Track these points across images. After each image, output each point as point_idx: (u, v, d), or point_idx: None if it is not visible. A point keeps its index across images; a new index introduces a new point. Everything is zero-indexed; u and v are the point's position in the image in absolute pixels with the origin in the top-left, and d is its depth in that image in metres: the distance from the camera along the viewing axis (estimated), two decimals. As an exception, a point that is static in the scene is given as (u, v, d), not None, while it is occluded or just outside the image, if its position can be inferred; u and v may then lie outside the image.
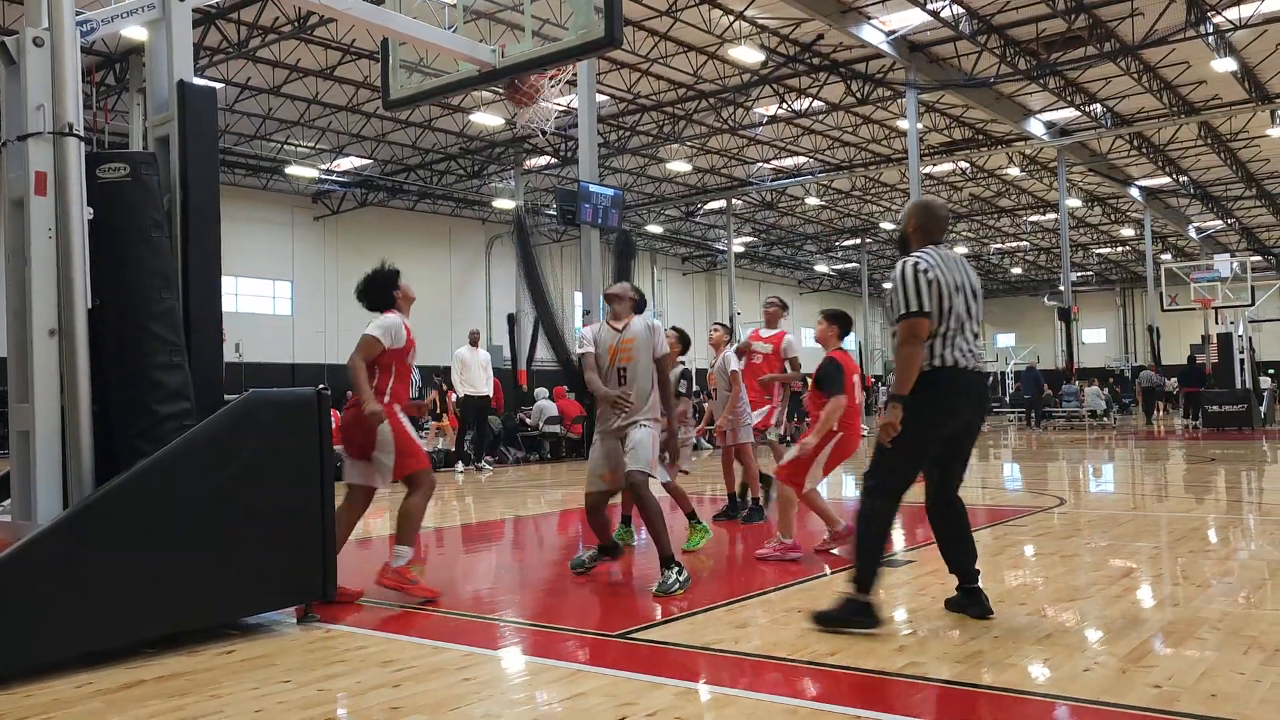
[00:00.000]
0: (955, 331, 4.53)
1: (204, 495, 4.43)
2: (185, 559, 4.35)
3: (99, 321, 4.56)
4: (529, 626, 4.83)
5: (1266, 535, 7.40)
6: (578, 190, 18.69)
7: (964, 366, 4.53)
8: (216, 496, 4.47)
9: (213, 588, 4.45)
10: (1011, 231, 46.80)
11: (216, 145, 5.22)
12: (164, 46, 5.13)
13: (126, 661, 4.12)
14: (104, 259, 4.60)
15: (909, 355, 4.42)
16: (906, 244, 4.82)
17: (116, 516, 4.18)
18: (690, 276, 50.66)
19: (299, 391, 4.90)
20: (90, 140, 4.95)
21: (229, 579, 4.51)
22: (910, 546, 7.05)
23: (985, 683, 3.68)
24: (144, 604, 4.22)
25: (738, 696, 3.58)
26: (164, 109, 5.11)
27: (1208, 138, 31.22)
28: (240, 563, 4.54)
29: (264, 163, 30.04)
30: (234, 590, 4.55)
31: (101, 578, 4.09)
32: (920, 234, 4.80)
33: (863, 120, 29.52)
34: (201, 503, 4.41)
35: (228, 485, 4.50)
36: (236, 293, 32.32)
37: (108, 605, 4.11)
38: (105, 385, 4.58)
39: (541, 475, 14.75)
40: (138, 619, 4.21)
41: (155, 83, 5.17)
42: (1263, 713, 3.25)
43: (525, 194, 32.57)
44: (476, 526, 9.35)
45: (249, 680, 3.89)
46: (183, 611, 4.36)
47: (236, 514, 4.53)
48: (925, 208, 4.95)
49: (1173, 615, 4.73)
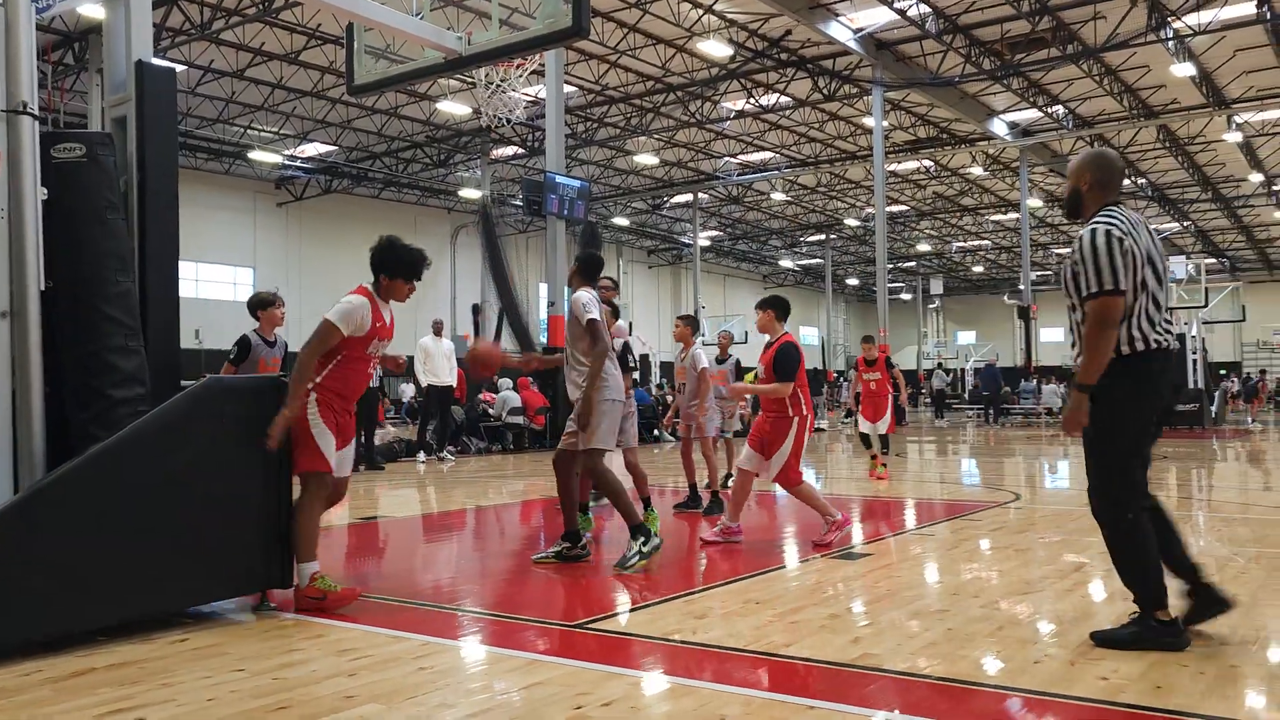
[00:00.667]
0: (1147, 306, 3.99)
1: (158, 482, 4.38)
2: (138, 546, 4.30)
3: (52, 303, 4.49)
4: (487, 616, 4.83)
5: (1214, 531, 7.55)
6: (544, 181, 18.65)
7: (1161, 347, 4.01)
8: (171, 483, 4.42)
9: (166, 575, 4.41)
10: (974, 230, 47.30)
11: (175, 127, 5.16)
12: (122, 25, 5.06)
13: (77, 649, 4.06)
14: (58, 240, 4.53)
15: (1100, 339, 3.89)
16: (1079, 204, 4.19)
17: (68, 502, 4.12)
18: (656, 269, 50.71)
19: (257, 378, 4.86)
20: (46, 120, 4.86)
21: (183, 566, 4.47)
22: (868, 540, 7.11)
23: (938, 674, 3.73)
24: (95, 591, 4.17)
25: (694, 687, 3.60)
26: (122, 89, 5.03)
27: (1166, 141, 31.71)
28: (194, 550, 4.50)
29: (226, 147, 29.67)
30: (188, 578, 4.51)
31: (52, 564, 4.04)
32: (1098, 190, 4.14)
33: (829, 117, 29.68)
34: (155, 489, 4.36)
35: (183, 472, 4.46)
36: (197, 278, 31.93)
37: (58, 592, 4.05)
38: (58, 368, 4.51)
39: (504, 466, 14.71)
40: (89, 606, 4.16)
41: (113, 63, 5.10)
42: (1205, 704, 3.32)
43: (491, 184, 32.42)
44: (438, 516, 9.32)
45: (201, 669, 3.85)
46: (135, 599, 4.32)
47: (191, 501, 4.48)
48: (1103, 160, 4.22)
49: (1122, 609, 4.80)
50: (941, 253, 52.74)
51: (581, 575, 6.05)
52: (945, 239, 49.71)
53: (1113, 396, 3.93)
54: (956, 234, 48.50)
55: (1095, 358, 3.91)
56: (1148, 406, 4.02)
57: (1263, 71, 25.20)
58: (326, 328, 4.91)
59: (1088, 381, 3.93)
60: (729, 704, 3.39)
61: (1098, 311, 3.88)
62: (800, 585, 5.55)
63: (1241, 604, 4.82)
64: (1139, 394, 3.97)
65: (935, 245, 50.86)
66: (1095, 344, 3.91)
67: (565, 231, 19.53)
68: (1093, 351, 3.91)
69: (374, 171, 33.47)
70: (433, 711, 3.33)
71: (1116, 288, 3.86)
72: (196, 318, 29.65)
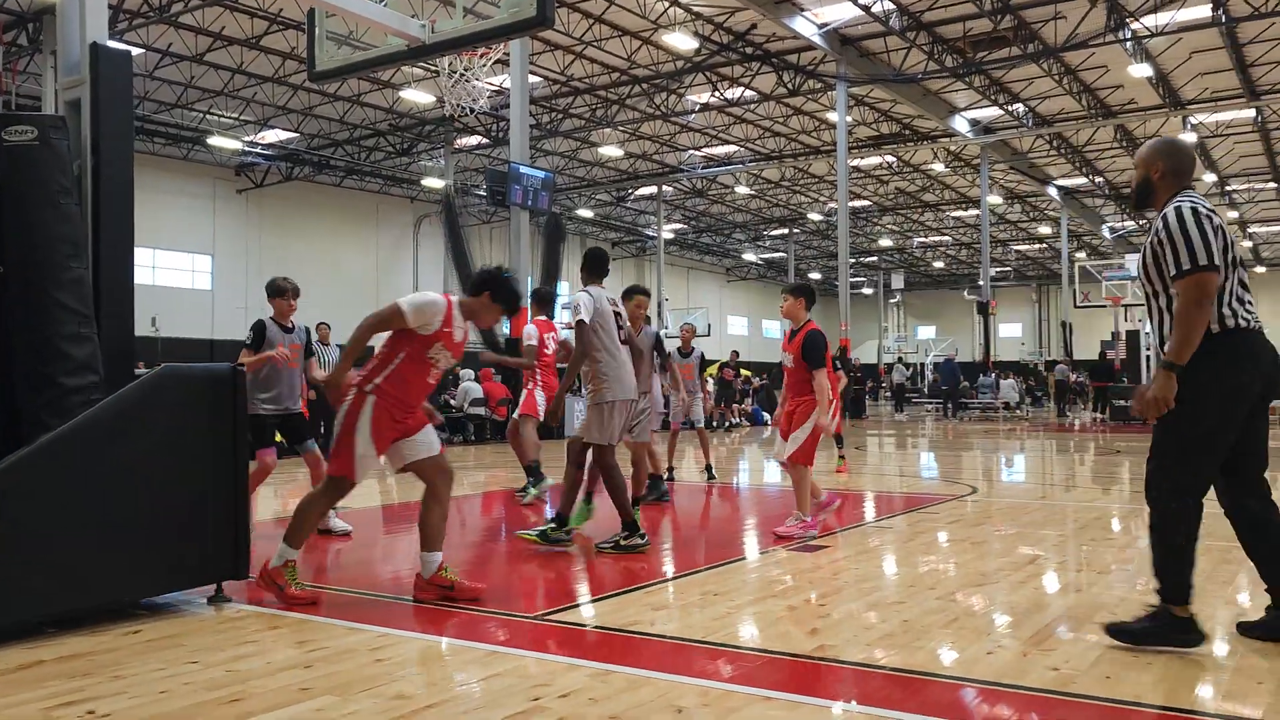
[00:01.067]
0: (1236, 286, 3.87)
1: (111, 471, 4.31)
2: (90, 536, 4.23)
3: (3, 289, 4.41)
4: (446, 608, 4.81)
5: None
6: (508, 171, 18.57)
7: (1252, 327, 3.87)
8: (124, 473, 4.35)
9: (118, 566, 4.35)
10: (935, 226, 47.72)
11: (131, 111, 5.07)
12: (76, 7, 4.97)
13: (26, 641, 4.00)
14: (9, 224, 4.45)
15: (1196, 318, 3.72)
16: (1150, 193, 4.10)
17: (19, 491, 4.05)
18: (620, 262, 50.65)
19: (213, 367, 4.80)
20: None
21: (135, 557, 4.41)
22: (827, 533, 7.16)
23: (893, 665, 3.77)
24: (46, 581, 4.10)
25: (652, 678, 3.61)
26: (76, 71, 4.94)
27: (1123, 140, 32.18)
28: (148, 541, 4.43)
29: (185, 132, 29.20)
30: (141, 569, 4.45)
31: (1, 553, 3.97)
32: (1171, 179, 4.03)
33: (793, 111, 29.79)
34: (108, 479, 4.30)
35: (137, 462, 4.40)
36: (154, 265, 31.44)
37: (7, 581, 3.98)
38: (9, 355, 4.43)
39: (465, 457, 14.65)
40: (39, 596, 4.09)
41: (67, 44, 5.01)
42: (1153, 693, 3.39)
43: (455, 173, 32.23)
44: (398, 508, 9.26)
45: (154, 661, 3.81)
46: (86, 590, 4.25)
47: (145, 491, 4.42)
48: (1175, 148, 4.11)
49: (1074, 600, 4.89)
50: (903, 248, 53.17)
51: (541, 567, 6.05)
52: (907, 234, 50.12)
53: (1198, 377, 3.76)
54: (918, 229, 48.92)
55: (1189, 335, 3.73)
56: (1233, 389, 3.81)
57: (1217, 74, 25.63)
58: (392, 309, 4.70)
59: (1178, 361, 3.73)
60: (686, 695, 3.40)
61: (1192, 288, 3.73)
62: (759, 577, 5.59)
63: (1189, 596, 4.92)
64: (1224, 375, 3.79)
65: (897, 240, 51.25)
66: (1190, 320, 3.73)
67: (529, 222, 19.47)
68: (1187, 329, 3.73)
69: (336, 159, 33.12)
70: (390, 703, 3.32)
71: (1211, 263, 3.73)
72: (154, 305, 29.21)
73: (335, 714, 3.20)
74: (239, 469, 4.78)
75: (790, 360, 6.88)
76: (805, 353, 6.72)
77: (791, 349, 6.86)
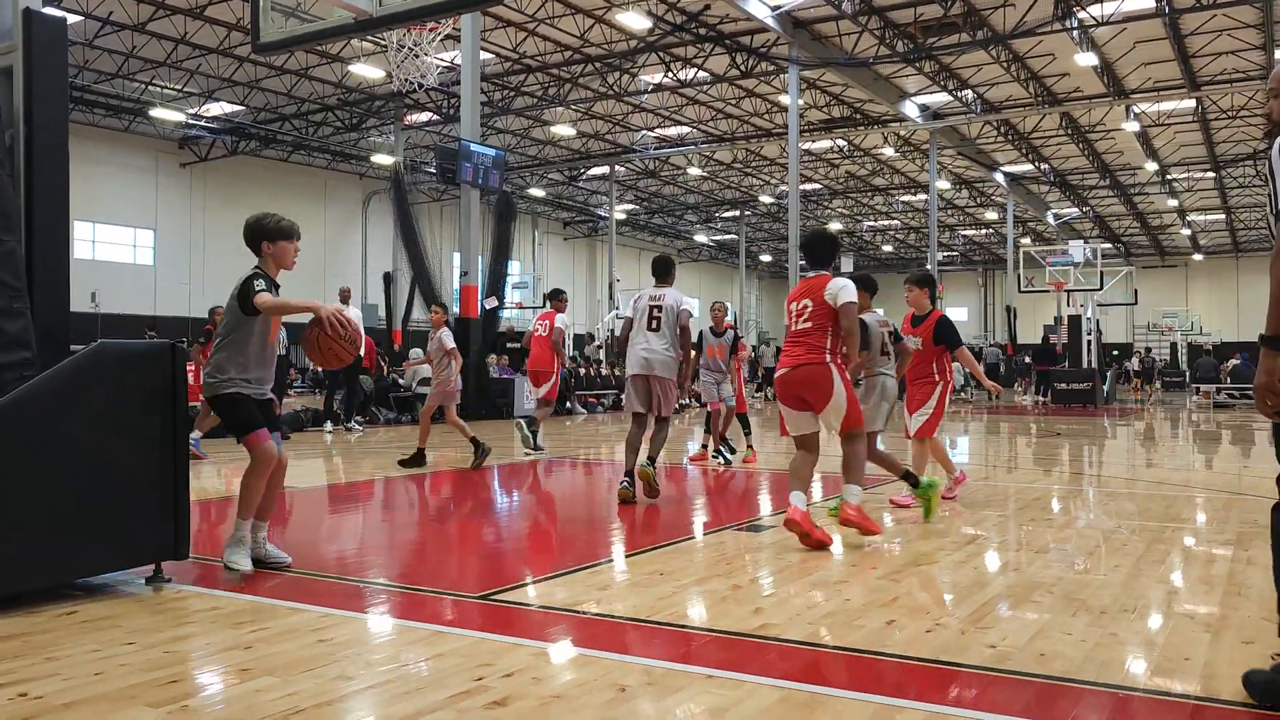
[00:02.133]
0: None
1: (45, 449, 4.21)
2: (22, 515, 4.13)
3: (-70, 262, 4.28)
4: (390, 588, 4.78)
5: (1102, 506, 7.87)
6: (459, 149, 18.38)
7: None
8: (59, 451, 4.25)
9: (52, 546, 4.25)
10: (884, 210, 48.13)
11: (65, 79, 4.94)
12: (8, -29, 4.81)
13: (-44, 622, 3.91)
14: (-64, 196, 4.31)
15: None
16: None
17: (-54, 470, 3.94)
18: (571, 242, 50.49)
19: (152, 343, 4.70)
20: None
21: (70, 537, 4.31)
22: (775, 513, 7.22)
23: (833, 643, 3.82)
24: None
25: (596, 657, 3.62)
26: (7, 38, 4.79)
27: (1068, 128, 32.66)
28: (83, 520, 4.34)
29: (126, 103, 28.49)
30: (76, 549, 4.35)
31: (-72, 534, 3.87)
32: None
33: (745, 94, 29.82)
34: (42, 457, 4.20)
35: (71, 440, 4.30)
36: (94, 239, 30.75)
37: (-65, 563, 3.88)
38: (-64, 330, 4.31)
39: (413, 438, 14.53)
40: (-31, 578, 3.99)
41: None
42: (1086, 670, 3.47)
43: (405, 150, 31.82)
44: (344, 487, 9.18)
45: (90, 642, 3.74)
46: (19, 570, 4.15)
47: (80, 470, 4.33)
48: None
49: (1012, 580, 4.99)
50: (852, 231, 53.55)
51: (487, 547, 6.03)
52: (856, 218, 50.50)
53: None
54: (867, 213, 49.32)
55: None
56: None
57: (1160, 64, 26.09)
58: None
59: (1271, 332, 2.84)
60: (630, 673, 3.42)
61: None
62: (706, 557, 5.62)
63: (1123, 574, 5.04)
64: None
65: (847, 224, 51.61)
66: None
67: (480, 201, 19.31)
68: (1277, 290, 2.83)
69: (283, 134, 32.54)
70: (331, 684, 3.29)
71: None
72: (94, 280, 28.57)
73: (276, 695, 3.17)
74: (178, 447, 4.70)
75: (919, 343, 7.60)
76: (943, 336, 7.57)
77: (921, 333, 7.63)
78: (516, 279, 33.44)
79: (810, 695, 3.21)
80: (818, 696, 3.20)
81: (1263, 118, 30.15)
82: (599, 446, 13.44)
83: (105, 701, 3.11)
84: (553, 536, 6.65)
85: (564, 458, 11.92)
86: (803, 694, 3.23)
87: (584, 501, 8.23)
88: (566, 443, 13.92)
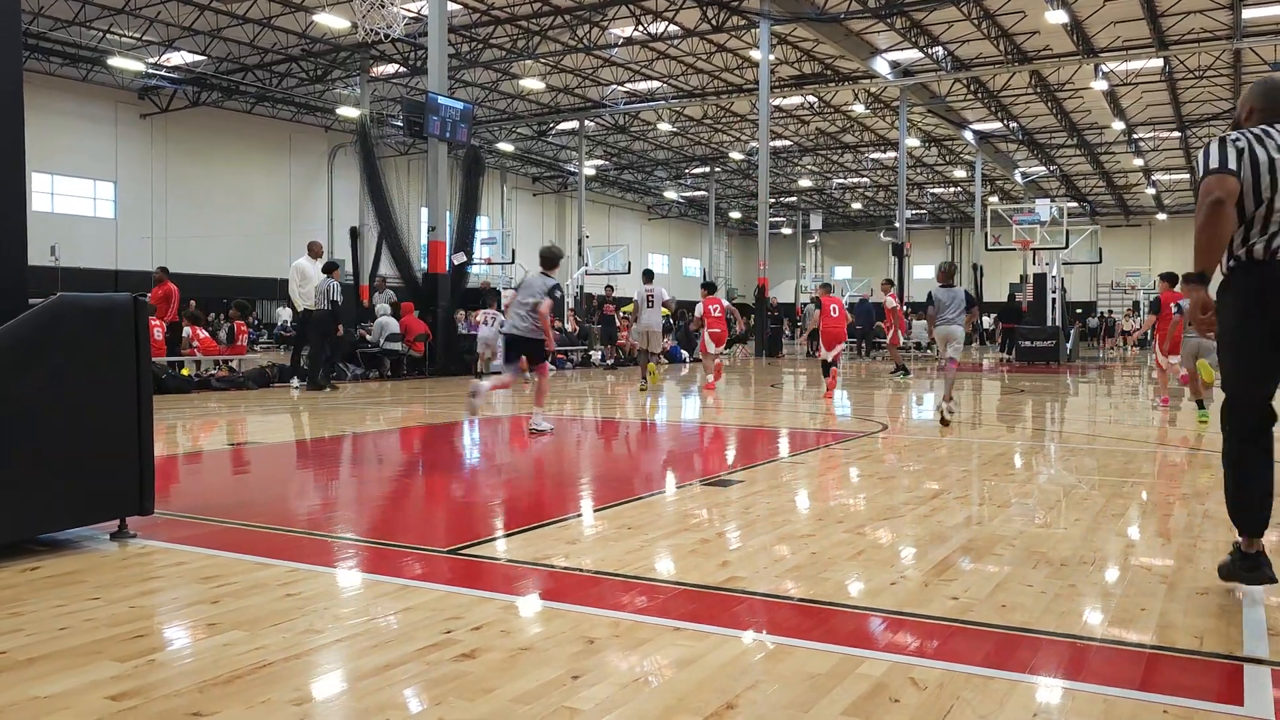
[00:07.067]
0: None
1: (5, 405, 4.15)
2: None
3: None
4: (359, 542, 4.78)
5: (1064, 461, 7.99)
6: (426, 101, 18.13)
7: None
8: (19, 406, 4.20)
9: (13, 501, 4.20)
10: (853, 167, 48.15)
11: (18, 25, 4.79)
12: (-43, -89, 4.65)
13: (-84, 578, 3.87)
14: (-114, 144, 4.20)
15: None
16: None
17: (-97, 425, 3.88)
18: (540, 197, 50.14)
19: (113, 297, 4.63)
20: None
21: (32, 492, 4.27)
22: (743, 467, 7.28)
23: (799, 595, 3.87)
24: (-64, 518, 3.95)
25: (564, 610, 3.65)
26: (-43, -19, 4.64)
27: (1037, 87, 32.73)
28: (45, 476, 4.30)
29: (83, 52, 27.82)
30: (38, 504, 4.31)
31: (-114, 490, 3.81)
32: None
33: (716, 48, 29.59)
34: (2, 412, 4.14)
35: (32, 395, 4.24)
36: (52, 191, 30.16)
37: (-106, 519, 3.83)
38: (-110, 283, 4.21)
39: (381, 393, 14.48)
40: (-71, 533, 3.95)
41: (-53, -49, 4.69)
42: (1044, 620, 3.54)
43: (371, 103, 31.36)
44: (312, 443, 9.14)
45: (54, 597, 3.72)
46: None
47: (42, 425, 4.27)
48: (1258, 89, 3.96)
49: (975, 533, 5.07)
50: (822, 189, 53.57)
51: (456, 502, 6.04)
52: (826, 175, 50.49)
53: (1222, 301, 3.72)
54: (837, 171, 49.31)
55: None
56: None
57: (1129, 23, 26.14)
58: None
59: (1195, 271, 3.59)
60: (597, 626, 3.45)
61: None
62: (674, 511, 5.66)
63: (1082, 528, 5.14)
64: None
65: (816, 181, 51.60)
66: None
67: (448, 155, 19.09)
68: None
69: (246, 85, 31.95)
70: (299, 637, 3.30)
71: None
72: (53, 234, 28.07)
73: (244, 649, 3.17)
74: (142, 401, 4.65)
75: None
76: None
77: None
78: (485, 234, 33.18)
79: (776, 646, 3.26)
80: (784, 647, 3.24)
81: (1228, 83, 30.36)
82: (565, 402, 13.45)
83: (70, 656, 3.09)
84: (522, 491, 6.66)
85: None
86: (768, 645, 3.27)
87: (554, 457, 8.24)
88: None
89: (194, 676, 2.92)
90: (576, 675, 2.95)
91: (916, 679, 2.94)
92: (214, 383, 14.78)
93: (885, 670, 3.02)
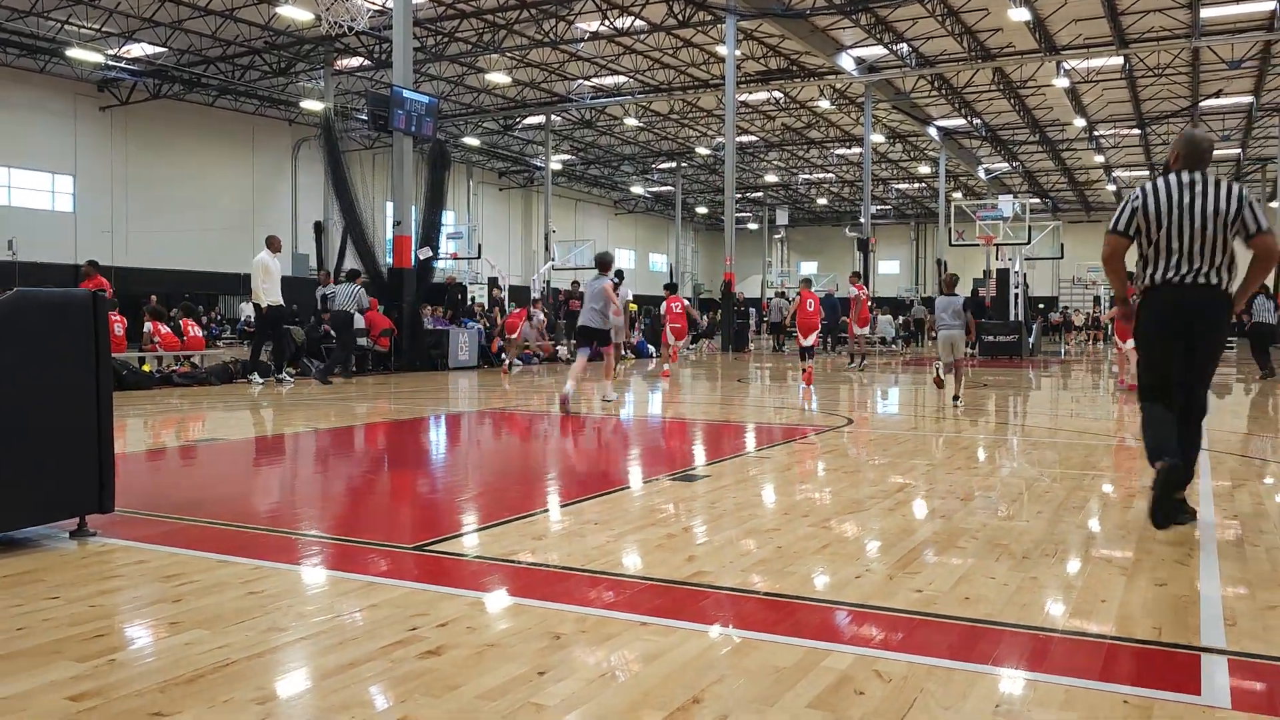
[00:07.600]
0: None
1: (-41, 401, 4.08)
2: (-62, 469, 4.01)
3: None
4: (323, 539, 4.74)
5: (1026, 455, 8.08)
6: (391, 95, 18.00)
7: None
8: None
9: (-30, 500, 4.13)
10: (819, 163, 48.37)
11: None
12: (-93, -102, 4.55)
13: None
14: None
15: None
16: None
17: None
18: (507, 192, 49.94)
19: (72, 292, 4.56)
20: None
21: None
22: (709, 462, 7.30)
23: (766, 589, 3.88)
24: (-111, 517, 3.87)
25: (530, 605, 3.64)
26: (-92, -30, 4.54)
27: (1000, 84, 33.03)
28: (2, 474, 4.22)
29: (41, 43, 27.34)
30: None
31: None
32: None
33: (683, 43, 29.61)
34: (-44, 409, 4.07)
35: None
36: (9, 185, 29.65)
37: None
38: None
39: (345, 388, 14.37)
40: (-119, 533, 3.87)
41: (-103, -61, 4.59)
42: (1007, 612, 3.58)
43: (335, 96, 31.08)
44: (274, 439, 9.05)
45: (11, 596, 3.66)
46: (-65, 525, 4.04)
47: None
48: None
49: (939, 527, 5.11)
50: (788, 184, 53.77)
51: (421, 498, 6.01)
52: (792, 171, 50.68)
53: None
54: (803, 166, 49.51)
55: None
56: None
57: (1090, 20, 26.46)
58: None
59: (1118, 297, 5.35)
60: (563, 622, 3.45)
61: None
62: (641, 506, 5.67)
63: (1044, 520, 5.20)
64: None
65: (782, 176, 51.79)
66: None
67: (413, 149, 18.96)
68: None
69: (208, 77, 31.55)
70: (263, 635, 3.27)
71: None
72: (10, 227, 27.62)
73: (206, 647, 3.14)
74: (101, 397, 4.58)
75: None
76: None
77: None
78: (451, 229, 32.99)
79: (743, 640, 3.27)
80: (750, 641, 3.26)
81: (1187, 80, 30.78)
82: (532, 397, 13.42)
83: (29, 656, 3.05)
84: (488, 487, 6.64)
85: (501, 409, 11.90)
86: (735, 639, 3.29)
87: (518, 453, 8.22)
88: (504, 394, 13.88)
89: (155, 676, 2.89)
90: (543, 671, 2.95)
91: (881, 671, 2.97)
92: (175, 379, 14.60)
93: (850, 663, 3.04)
